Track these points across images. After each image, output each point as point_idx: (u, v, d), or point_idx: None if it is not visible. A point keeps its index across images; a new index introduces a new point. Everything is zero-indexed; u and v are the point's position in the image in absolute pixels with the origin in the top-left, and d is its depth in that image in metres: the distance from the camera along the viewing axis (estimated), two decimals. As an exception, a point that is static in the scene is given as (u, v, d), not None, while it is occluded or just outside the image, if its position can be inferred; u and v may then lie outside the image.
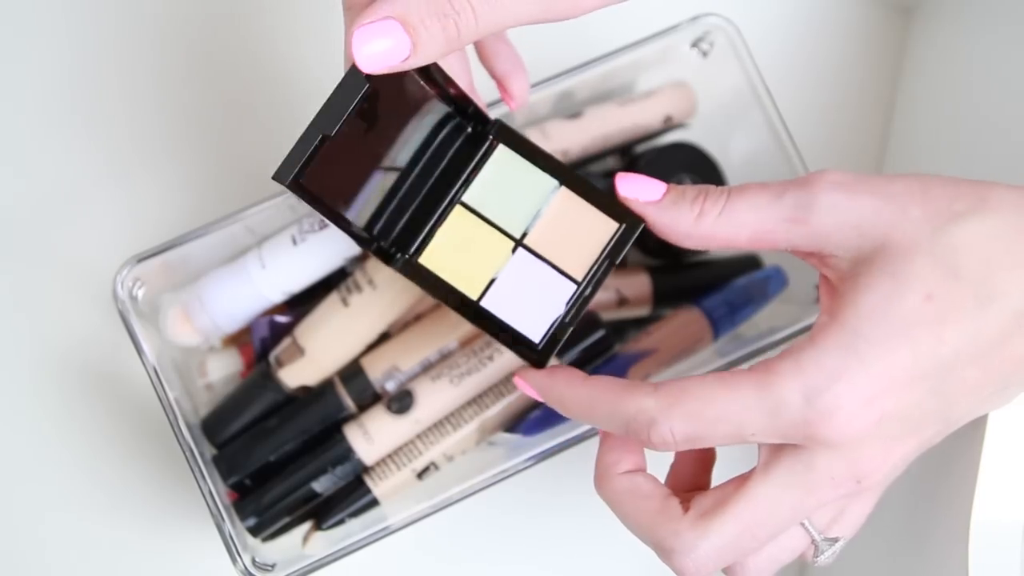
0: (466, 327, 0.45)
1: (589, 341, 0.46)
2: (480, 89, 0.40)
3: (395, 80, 0.33)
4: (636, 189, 0.35)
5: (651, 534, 0.34)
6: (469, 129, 0.37)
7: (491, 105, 0.44)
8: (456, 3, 0.30)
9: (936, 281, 0.30)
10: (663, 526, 0.33)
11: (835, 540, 0.34)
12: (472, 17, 0.31)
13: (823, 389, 0.30)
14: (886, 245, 0.31)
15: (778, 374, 0.31)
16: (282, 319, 0.47)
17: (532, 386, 0.37)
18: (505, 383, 0.45)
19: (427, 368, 0.45)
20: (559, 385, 0.36)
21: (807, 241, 0.33)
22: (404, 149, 0.36)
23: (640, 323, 0.49)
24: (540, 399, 0.37)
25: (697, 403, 0.32)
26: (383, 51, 0.31)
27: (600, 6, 0.32)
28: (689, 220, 0.34)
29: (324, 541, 0.45)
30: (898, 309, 0.30)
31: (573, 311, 0.36)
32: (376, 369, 0.45)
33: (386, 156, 0.35)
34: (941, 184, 0.32)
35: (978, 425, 0.36)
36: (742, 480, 0.33)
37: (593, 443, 0.44)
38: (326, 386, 0.45)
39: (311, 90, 0.53)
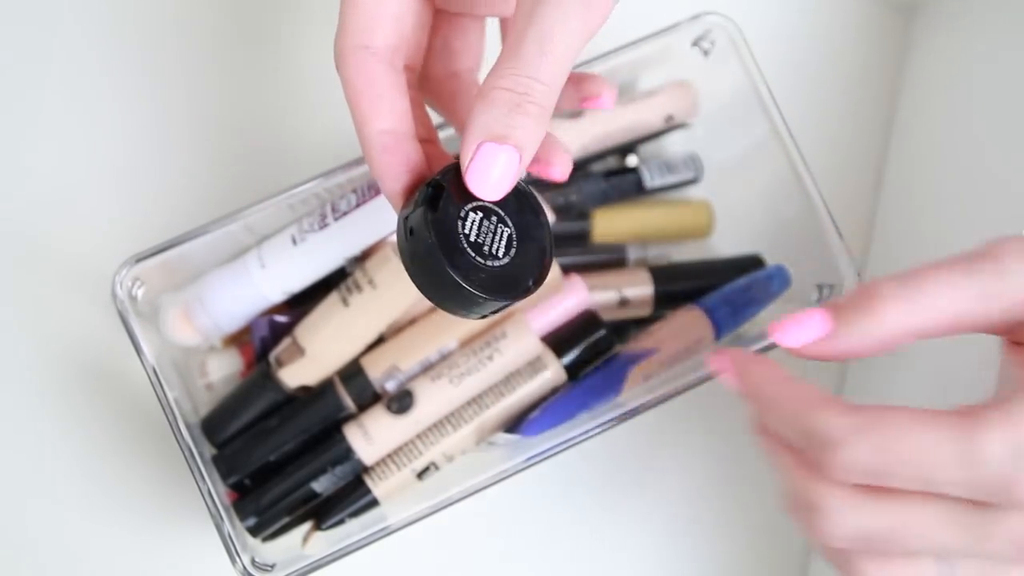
0: (466, 327, 0.45)
1: (590, 341, 0.46)
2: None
3: None
4: (804, 336, 0.32)
5: (796, 489, 0.31)
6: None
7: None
8: (518, 87, 0.30)
9: None
10: (816, 485, 0.30)
11: None
12: (539, 85, 0.30)
13: None
14: None
15: (984, 420, 0.28)
16: (282, 319, 0.47)
17: (732, 361, 0.34)
18: (505, 383, 0.45)
19: (427, 368, 0.45)
20: (755, 371, 0.33)
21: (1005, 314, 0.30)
22: None
23: (641, 323, 0.49)
24: (733, 376, 0.34)
25: (891, 433, 0.29)
26: (500, 175, 0.31)
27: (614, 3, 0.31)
28: (870, 340, 0.31)
29: (324, 541, 0.45)
30: None
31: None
32: (376, 369, 0.45)
33: None
34: None
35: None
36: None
37: (592, 444, 0.44)
38: (326, 386, 0.45)
39: (310, 90, 0.53)
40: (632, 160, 0.51)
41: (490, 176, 0.31)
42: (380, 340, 0.46)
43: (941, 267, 0.30)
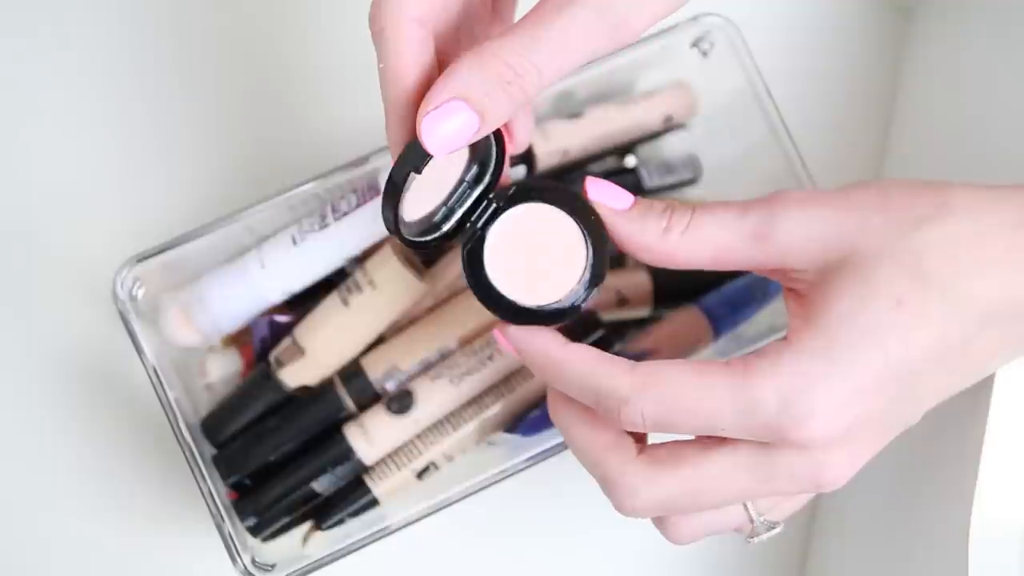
0: (466, 327, 0.45)
1: (589, 340, 0.46)
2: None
3: None
4: (605, 194, 0.35)
5: (598, 467, 0.34)
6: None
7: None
8: (518, 67, 0.30)
9: (904, 286, 0.31)
10: (612, 461, 0.34)
11: (774, 525, 0.34)
12: (536, 76, 0.31)
13: (798, 394, 0.31)
14: (853, 253, 0.31)
15: (754, 374, 0.31)
16: (282, 319, 0.47)
17: (509, 340, 0.36)
18: (505, 383, 0.45)
19: (427, 368, 0.45)
20: (536, 343, 0.35)
21: (770, 257, 0.33)
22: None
23: (640, 323, 0.49)
24: (514, 354, 0.36)
25: (670, 390, 0.32)
26: (452, 132, 0.31)
27: (653, 22, 0.32)
28: (655, 234, 0.34)
29: (324, 541, 0.45)
30: (870, 314, 0.31)
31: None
32: (376, 369, 0.45)
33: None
34: (900, 189, 0.32)
35: (978, 424, 0.36)
36: (703, 444, 0.33)
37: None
38: (326, 386, 0.45)
39: (311, 91, 0.53)
40: (631, 161, 0.51)
41: (444, 130, 0.31)
42: (380, 340, 0.46)
43: (723, 206, 0.33)
